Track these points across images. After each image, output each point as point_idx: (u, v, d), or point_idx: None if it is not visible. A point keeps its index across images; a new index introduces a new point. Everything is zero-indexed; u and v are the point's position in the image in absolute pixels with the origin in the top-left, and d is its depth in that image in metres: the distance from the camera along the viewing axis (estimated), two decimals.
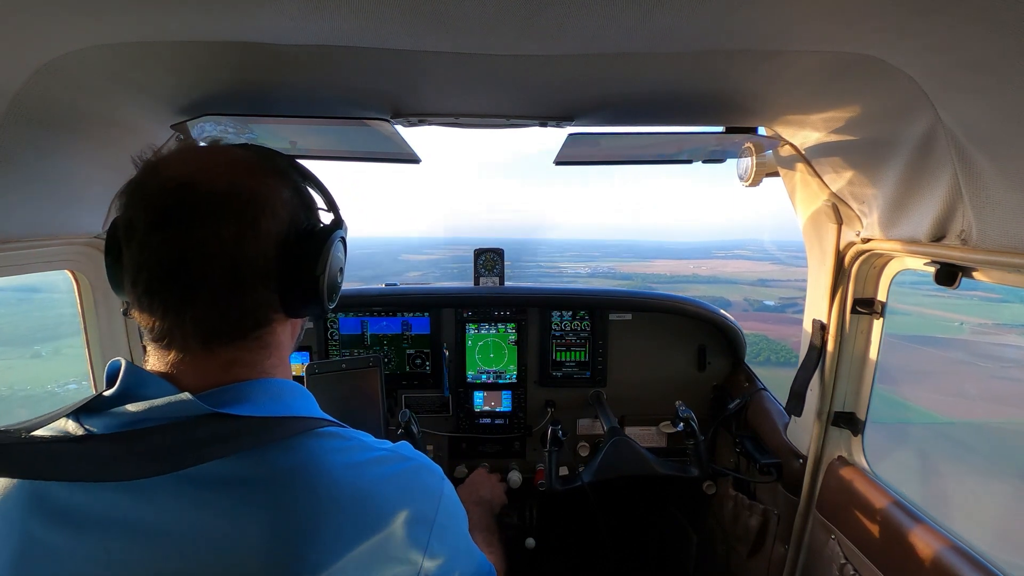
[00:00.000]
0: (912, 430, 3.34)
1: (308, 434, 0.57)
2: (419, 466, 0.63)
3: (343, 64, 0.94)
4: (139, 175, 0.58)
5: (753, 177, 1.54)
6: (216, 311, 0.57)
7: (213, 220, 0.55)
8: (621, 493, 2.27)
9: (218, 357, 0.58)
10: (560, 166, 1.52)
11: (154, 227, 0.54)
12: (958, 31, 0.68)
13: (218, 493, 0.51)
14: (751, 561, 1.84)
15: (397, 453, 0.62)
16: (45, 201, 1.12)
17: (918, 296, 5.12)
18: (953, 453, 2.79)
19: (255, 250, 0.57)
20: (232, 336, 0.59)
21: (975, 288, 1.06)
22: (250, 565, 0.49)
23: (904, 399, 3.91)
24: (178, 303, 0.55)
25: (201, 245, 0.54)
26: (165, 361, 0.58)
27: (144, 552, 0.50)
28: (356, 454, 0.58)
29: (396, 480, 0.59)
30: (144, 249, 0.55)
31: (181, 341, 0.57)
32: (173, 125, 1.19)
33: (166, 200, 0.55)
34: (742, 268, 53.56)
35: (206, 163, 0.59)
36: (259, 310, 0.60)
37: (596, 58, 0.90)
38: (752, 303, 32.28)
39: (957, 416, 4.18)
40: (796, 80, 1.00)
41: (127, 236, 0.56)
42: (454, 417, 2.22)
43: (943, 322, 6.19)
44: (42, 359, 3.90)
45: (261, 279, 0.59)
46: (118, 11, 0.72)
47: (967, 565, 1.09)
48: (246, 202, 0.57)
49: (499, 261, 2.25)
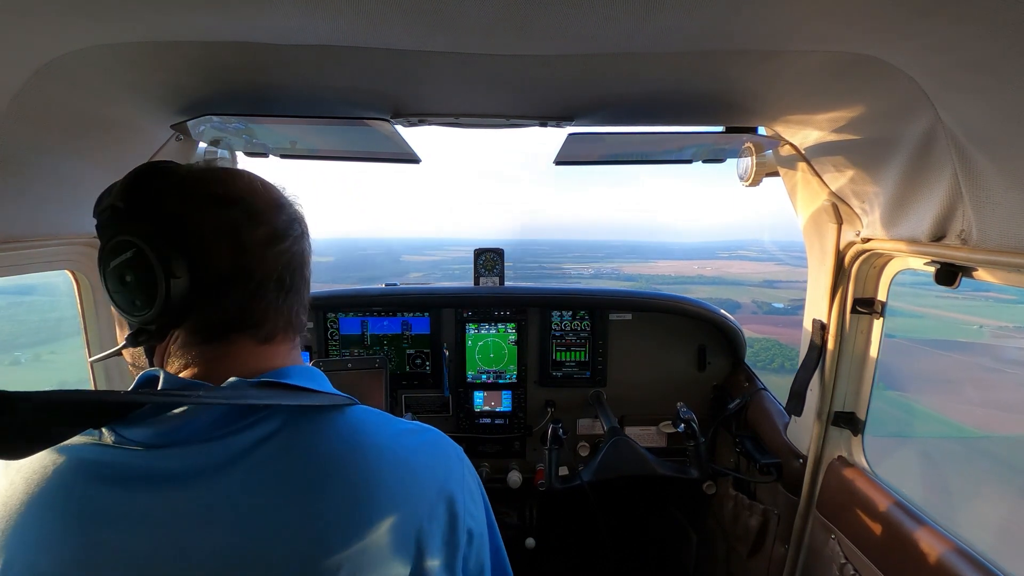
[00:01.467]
0: (944, 445, 3.11)
1: (351, 408, 0.61)
2: (441, 437, 0.68)
3: (343, 64, 0.94)
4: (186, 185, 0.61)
5: (753, 177, 1.54)
6: (272, 315, 0.63)
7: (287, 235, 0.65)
8: (621, 493, 2.27)
9: (262, 354, 0.63)
10: (560, 166, 1.52)
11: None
12: (958, 31, 0.68)
13: (279, 466, 0.54)
14: (751, 561, 1.84)
15: (420, 426, 0.67)
16: (45, 201, 1.12)
17: (931, 298, 4.91)
18: (996, 472, 2.50)
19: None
20: (278, 338, 0.65)
21: (988, 289, 1.05)
22: (311, 534, 0.51)
23: (931, 410, 3.64)
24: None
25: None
26: (204, 361, 0.61)
27: (216, 534, 0.51)
28: (392, 425, 0.63)
29: (429, 448, 0.64)
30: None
31: (237, 340, 0.61)
32: (173, 125, 1.19)
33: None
34: (746, 269, 53.43)
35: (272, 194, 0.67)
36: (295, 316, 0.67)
37: (596, 58, 0.90)
38: (761, 305, 31.61)
39: (991, 429, 3.74)
40: (796, 80, 1.00)
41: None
42: (454, 417, 2.22)
43: (961, 325, 5.87)
44: (21, 366, 3.73)
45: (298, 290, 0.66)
46: (118, 11, 0.72)
47: (967, 565, 1.08)
48: (301, 229, 0.67)
49: (499, 261, 2.24)
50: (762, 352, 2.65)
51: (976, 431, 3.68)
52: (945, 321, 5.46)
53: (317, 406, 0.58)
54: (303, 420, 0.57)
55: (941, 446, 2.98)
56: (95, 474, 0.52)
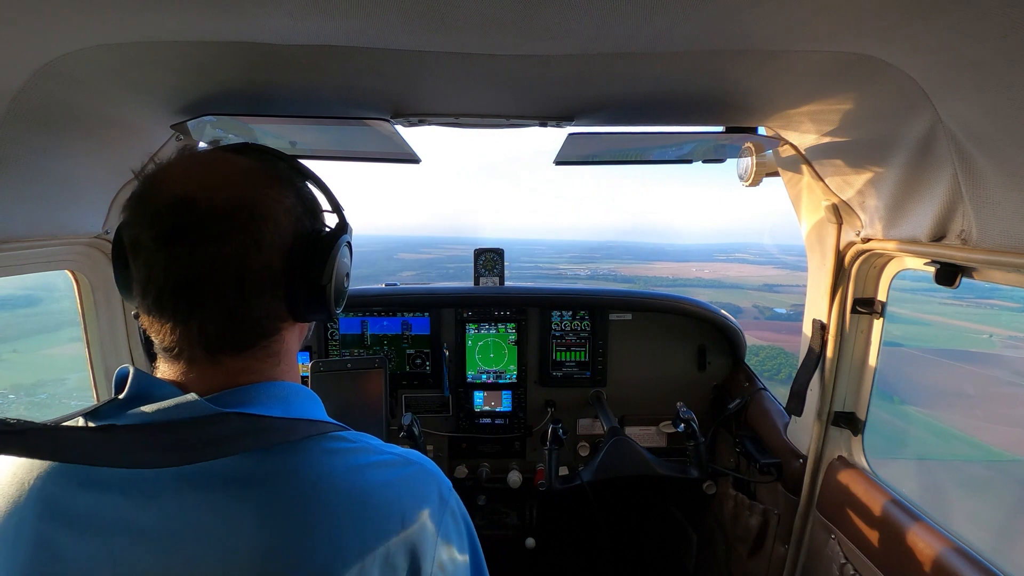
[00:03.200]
0: (975, 471, 2.86)
1: (312, 437, 0.57)
2: (424, 471, 0.63)
3: (343, 64, 0.94)
4: (140, 188, 0.58)
5: (753, 177, 1.54)
6: (223, 324, 0.58)
7: (216, 237, 0.55)
8: (621, 493, 2.27)
9: (226, 367, 0.59)
10: (560, 166, 1.52)
11: (159, 244, 0.55)
12: (958, 31, 0.68)
13: (220, 494, 0.52)
14: (751, 561, 1.84)
15: (403, 457, 0.62)
16: (45, 201, 1.12)
17: (934, 304, 4.71)
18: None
19: (260, 263, 0.58)
20: (240, 347, 0.60)
21: (992, 296, 1.04)
22: (250, 569, 0.50)
23: (953, 428, 3.29)
24: (186, 316, 0.56)
25: (206, 262, 0.55)
26: (175, 370, 0.59)
27: (147, 555, 0.50)
28: (360, 457, 0.58)
29: (400, 484, 0.59)
30: (151, 265, 0.55)
31: (189, 352, 0.58)
32: (173, 125, 1.19)
33: (168, 218, 0.55)
34: (745, 272, 53.21)
35: (206, 175, 0.59)
36: (266, 321, 0.61)
37: (596, 58, 0.90)
38: (763, 311, 30.43)
39: (1021, 452, 3.30)
40: (796, 80, 1.00)
41: (133, 250, 0.57)
42: (454, 417, 2.22)
43: (969, 333, 5.53)
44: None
45: (268, 290, 0.59)
46: (118, 11, 0.72)
47: (967, 565, 1.09)
48: (248, 216, 0.57)
49: (499, 261, 2.25)
50: (768, 361, 2.50)
51: (1005, 452, 3.31)
52: (952, 329, 5.21)
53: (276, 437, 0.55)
54: (262, 452, 0.54)
55: (972, 472, 2.66)
56: (71, 478, 0.52)
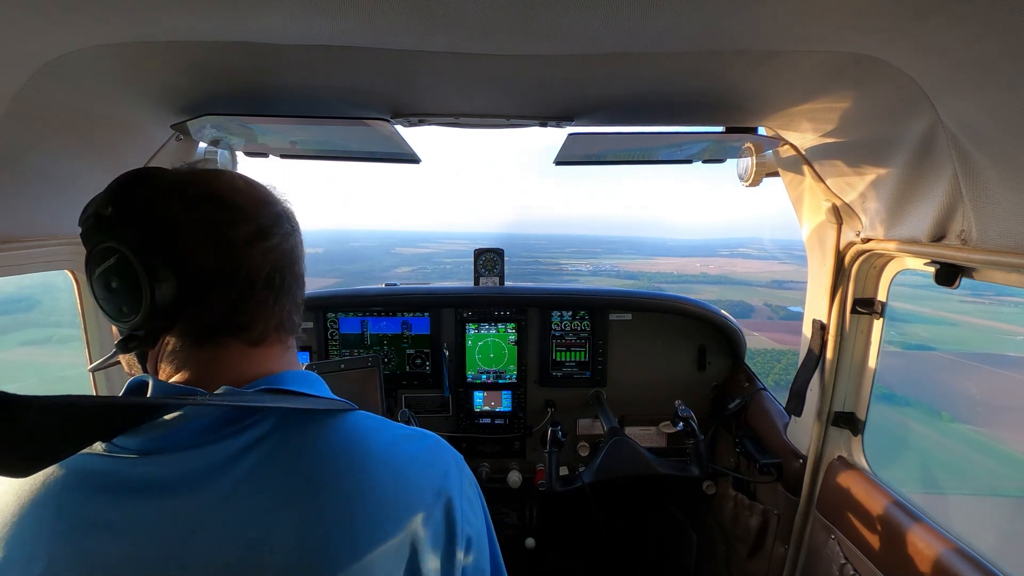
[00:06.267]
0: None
1: (348, 413, 0.60)
2: (439, 443, 0.67)
3: (343, 64, 0.94)
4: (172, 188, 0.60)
5: (753, 177, 1.54)
6: (263, 318, 0.62)
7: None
8: (621, 493, 2.27)
9: (254, 357, 0.62)
10: (560, 166, 1.52)
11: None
12: (958, 31, 0.68)
13: (266, 466, 0.53)
14: (751, 561, 1.84)
15: (420, 432, 0.66)
16: (45, 201, 1.12)
17: (953, 302, 4.55)
18: None
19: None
20: (270, 340, 0.63)
21: (1012, 293, 1.00)
22: (292, 537, 0.50)
23: (999, 444, 2.80)
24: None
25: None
26: (194, 366, 0.60)
27: (194, 538, 0.50)
28: (390, 431, 0.62)
29: (426, 455, 0.62)
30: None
31: (226, 344, 0.60)
32: (173, 125, 1.19)
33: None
34: (750, 267, 52.67)
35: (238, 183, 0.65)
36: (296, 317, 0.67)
37: (596, 58, 0.90)
38: (776, 310, 28.40)
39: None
40: (796, 80, 1.00)
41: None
42: (454, 417, 2.23)
43: (999, 335, 5.17)
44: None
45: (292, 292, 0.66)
46: (118, 11, 0.72)
47: (967, 565, 1.09)
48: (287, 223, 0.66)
49: (499, 261, 2.24)
50: (792, 368, 2.16)
51: None
52: (981, 330, 4.85)
53: (311, 411, 0.57)
54: (296, 425, 0.56)
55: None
56: (87, 483, 0.52)
